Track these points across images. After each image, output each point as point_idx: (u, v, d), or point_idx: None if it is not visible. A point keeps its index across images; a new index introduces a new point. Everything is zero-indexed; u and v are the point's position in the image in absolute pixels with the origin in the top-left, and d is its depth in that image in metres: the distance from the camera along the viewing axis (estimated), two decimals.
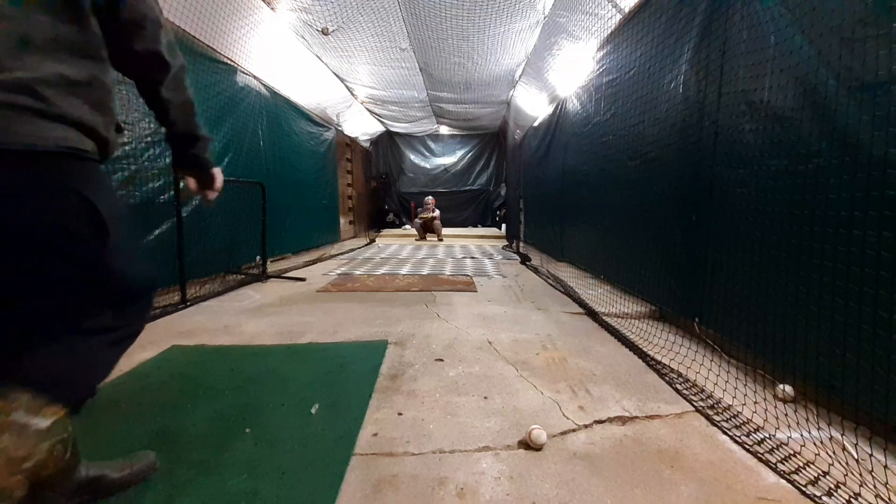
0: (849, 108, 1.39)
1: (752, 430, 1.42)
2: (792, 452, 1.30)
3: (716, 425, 1.46)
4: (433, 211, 8.37)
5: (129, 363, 1.99)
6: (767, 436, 1.39)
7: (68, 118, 0.80)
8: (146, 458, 1.19)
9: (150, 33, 0.94)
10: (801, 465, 1.24)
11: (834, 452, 1.27)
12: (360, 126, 9.23)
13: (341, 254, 6.26)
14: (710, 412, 1.54)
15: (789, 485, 1.16)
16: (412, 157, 11.75)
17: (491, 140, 11.57)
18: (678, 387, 1.74)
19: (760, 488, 1.16)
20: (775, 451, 1.31)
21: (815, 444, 1.34)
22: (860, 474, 1.16)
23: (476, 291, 3.64)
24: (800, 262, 1.59)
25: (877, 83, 1.30)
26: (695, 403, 1.61)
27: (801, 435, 1.39)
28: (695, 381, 1.79)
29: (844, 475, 1.17)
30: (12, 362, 0.82)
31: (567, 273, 4.27)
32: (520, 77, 6.20)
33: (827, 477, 1.18)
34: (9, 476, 0.74)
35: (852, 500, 1.09)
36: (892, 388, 1.25)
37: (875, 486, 1.12)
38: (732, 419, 1.49)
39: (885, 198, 1.27)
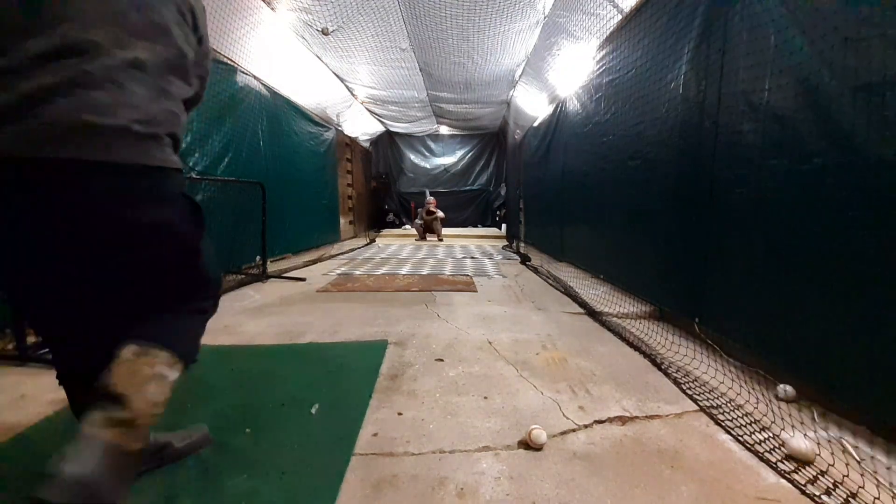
0: (847, 108, 1.39)
1: (756, 429, 1.42)
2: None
3: (719, 424, 1.46)
4: (435, 216, 8.17)
5: None
6: (768, 436, 1.39)
7: (177, 146, 1.03)
8: (202, 431, 1.32)
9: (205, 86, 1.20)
10: (801, 464, 1.24)
11: (833, 452, 1.27)
12: (360, 126, 9.22)
13: (341, 254, 6.26)
14: (714, 411, 1.54)
15: (789, 484, 1.16)
16: (412, 157, 11.74)
17: (491, 140, 11.57)
18: (684, 386, 1.74)
19: (760, 488, 1.16)
20: (775, 450, 1.31)
21: (814, 443, 1.34)
22: (861, 473, 1.16)
23: (476, 291, 3.64)
24: (800, 263, 1.59)
25: (875, 83, 1.30)
26: (699, 402, 1.61)
27: (802, 434, 1.39)
28: (696, 378, 1.80)
29: (847, 476, 1.17)
30: (142, 327, 0.99)
31: (567, 273, 4.27)
32: (520, 77, 6.20)
33: (826, 476, 1.18)
34: (152, 417, 0.90)
35: (850, 499, 1.09)
36: (891, 388, 1.25)
37: (875, 486, 1.12)
38: (737, 419, 1.49)
39: (885, 198, 1.27)
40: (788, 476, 1.19)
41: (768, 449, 1.31)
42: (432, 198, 8.53)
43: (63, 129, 0.82)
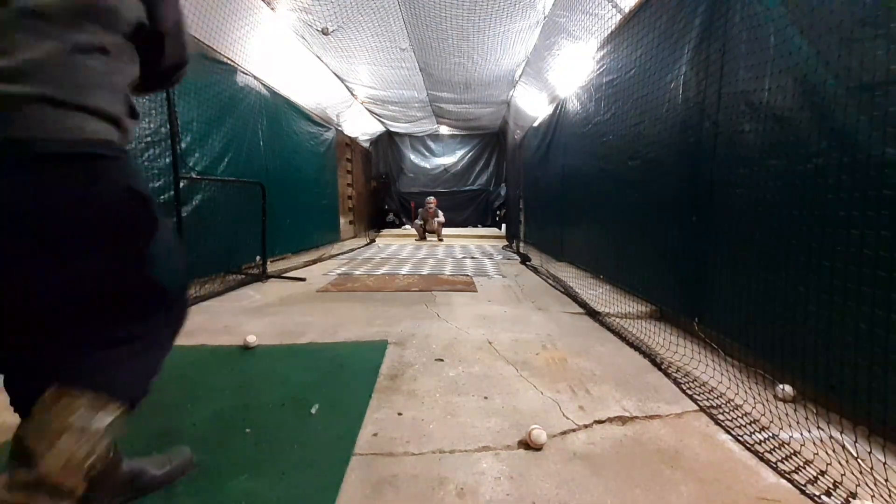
0: (848, 108, 1.39)
1: (756, 429, 1.42)
2: (792, 452, 1.30)
3: (719, 424, 1.46)
4: (437, 215, 8.19)
5: None
6: (768, 436, 1.39)
7: (95, 110, 0.78)
8: (183, 455, 1.18)
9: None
10: (801, 464, 1.24)
11: (834, 451, 1.27)
12: (360, 126, 9.22)
13: (341, 254, 6.26)
14: (714, 411, 1.54)
15: (789, 484, 1.16)
16: (412, 157, 11.74)
17: (491, 140, 11.56)
18: (684, 386, 1.74)
19: (760, 488, 1.16)
20: (776, 450, 1.31)
21: (814, 443, 1.34)
22: (860, 472, 1.16)
23: (476, 291, 3.64)
24: (799, 263, 1.59)
25: (875, 83, 1.30)
26: (699, 402, 1.61)
27: (801, 434, 1.39)
28: (696, 378, 1.80)
29: (842, 474, 1.17)
30: (67, 361, 0.83)
31: (567, 273, 4.27)
32: (520, 77, 6.19)
33: (826, 476, 1.18)
34: (71, 475, 0.76)
35: (850, 499, 1.09)
36: (890, 388, 1.25)
37: (874, 485, 1.12)
38: (737, 419, 1.49)
39: (883, 197, 1.27)
40: (788, 476, 1.19)
41: (768, 449, 1.31)
42: (433, 198, 8.54)
43: None
